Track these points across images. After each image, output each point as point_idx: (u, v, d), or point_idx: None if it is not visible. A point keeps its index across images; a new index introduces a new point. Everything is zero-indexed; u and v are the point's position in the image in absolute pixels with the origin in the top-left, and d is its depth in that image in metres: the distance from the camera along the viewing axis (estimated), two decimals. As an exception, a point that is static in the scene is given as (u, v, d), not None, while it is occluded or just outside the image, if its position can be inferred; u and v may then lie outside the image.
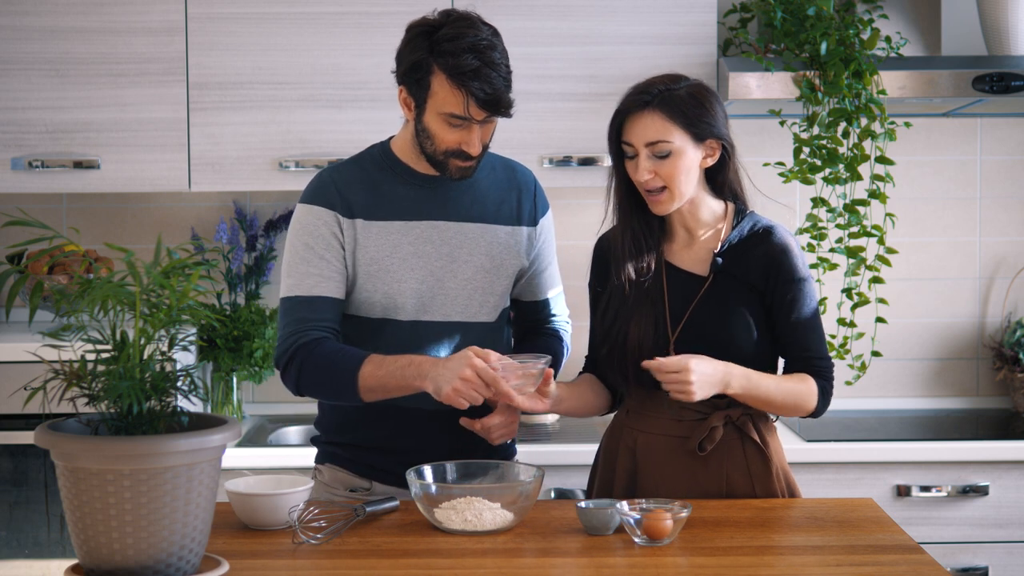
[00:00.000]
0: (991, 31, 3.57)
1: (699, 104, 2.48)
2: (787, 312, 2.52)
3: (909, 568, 2.11)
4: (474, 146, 2.49)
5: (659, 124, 2.46)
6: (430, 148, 2.52)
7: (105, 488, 1.89)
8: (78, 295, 1.96)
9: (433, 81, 2.45)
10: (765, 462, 2.54)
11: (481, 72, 2.42)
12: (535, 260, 2.68)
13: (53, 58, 3.46)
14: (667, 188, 2.49)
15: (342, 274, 2.55)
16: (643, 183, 2.49)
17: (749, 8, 3.70)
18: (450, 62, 2.42)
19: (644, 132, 2.47)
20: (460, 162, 2.52)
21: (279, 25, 3.47)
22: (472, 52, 2.42)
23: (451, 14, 2.49)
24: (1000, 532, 3.33)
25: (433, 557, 2.18)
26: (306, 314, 2.52)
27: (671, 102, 2.47)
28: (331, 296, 2.53)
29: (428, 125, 2.49)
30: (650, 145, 2.47)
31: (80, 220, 3.81)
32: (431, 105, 2.47)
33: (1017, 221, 3.89)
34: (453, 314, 2.58)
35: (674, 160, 2.47)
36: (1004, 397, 3.88)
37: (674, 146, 2.46)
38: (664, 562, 2.15)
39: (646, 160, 2.48)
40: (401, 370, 2.44)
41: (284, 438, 3.61)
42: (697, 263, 2.56)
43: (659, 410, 2.54)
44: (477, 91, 2.42)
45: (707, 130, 2.48)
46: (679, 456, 2.52)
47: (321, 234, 2.54)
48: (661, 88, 2.48)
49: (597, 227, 2.70)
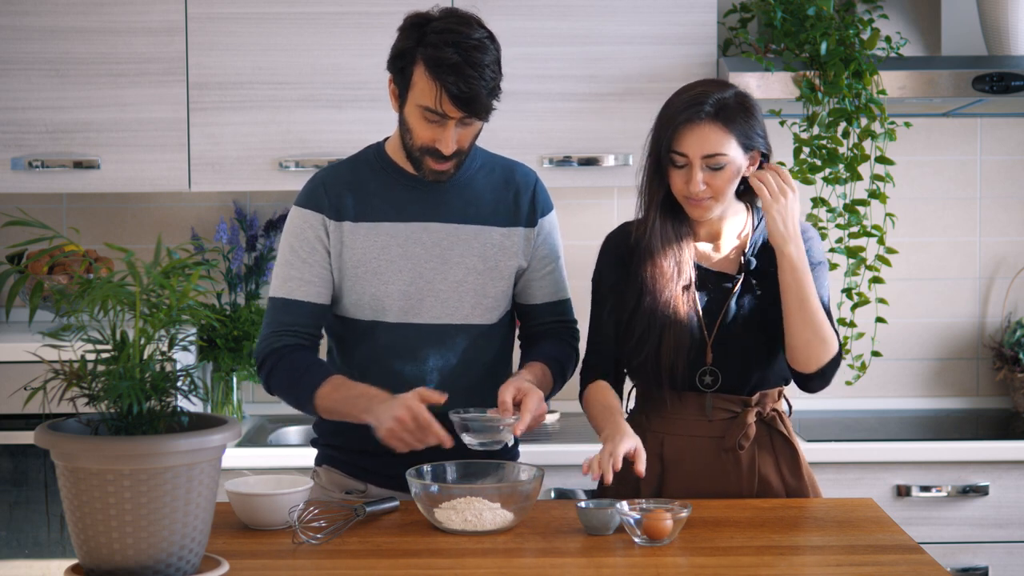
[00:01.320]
0: (991, 31, 3.57)
1: (749, 114, 2.46)
2: None
3: (909, 568, 2.11)
4: (447, 145, 2.46)
5: (718, 136, 2.43)
6: (408, 142, 2.51)
7: (105, 488, 1.89)
8: (78, 295, 1.96)
9: (415, 71, 2.44)
10: (795, 456, 2.56)
11: (460, 69, 2.39)
12: (534, 261, 2.64)
13: (53, 58, 3.46)
14: (713, 197, 2.47)
15: (324, 279, 2.56)
16: (695, 193, 2.46)
17: (749, 8, 3.70)
18: (430, 53, 2.40)
19: (702, 145, 2.43)
20: (433, 162, 2.50)
21: (279, 25, 3.47)
22: (455, 48, 2.40)
23: (451, 11, 2.48)
24: (1000, 532, 3.33)
25: (433, 557, 2.18)
26: (283, 317, 2.56)
27: (727, 114, 2.44)
28: (309, 301, 2.56)
29: (407, 117, 2.49)
30: (707, 157, 2.44)
31: (80, 220, 3.81)
32: (411, 96, 2.46)
33: (1017, 221, 3.89)
34: (443, 316, 2.57)
35: (727, 172, 2.45)
36: (1004, 397, 3.88)
37: (728, 159, 2.44)
38: (664, 562, 2.15)
39: (700, 172, 2.44)
40: (353, 400, 2.47)
41: (284, 438, 3.61)
42: (725, 262, 2.57)
43: (690, 411, 2.53)
44: (451, 86, 2.39)
45: (756, 140, 2.47)
46: (711, 456, 2.51)
47: (306, 238, 2.56)
48: (717, 97, 2.44)
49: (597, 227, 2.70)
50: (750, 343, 2.52)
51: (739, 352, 2.51)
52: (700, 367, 2.52)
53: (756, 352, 2.52)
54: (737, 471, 2.53)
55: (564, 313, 2.70)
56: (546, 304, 2.67)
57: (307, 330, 2.57)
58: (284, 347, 2.55)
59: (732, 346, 2.51)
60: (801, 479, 2.57)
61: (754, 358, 2.52)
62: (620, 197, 3.82)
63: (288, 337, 2.56)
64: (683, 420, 2.54)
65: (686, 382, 2.51)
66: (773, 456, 2.55)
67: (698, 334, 2.52)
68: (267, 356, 2.55)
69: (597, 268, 2.65)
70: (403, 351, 2.55)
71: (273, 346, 2.55)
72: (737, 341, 2.51)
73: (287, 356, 2.54)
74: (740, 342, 2.51)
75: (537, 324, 2.70)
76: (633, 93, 3.47)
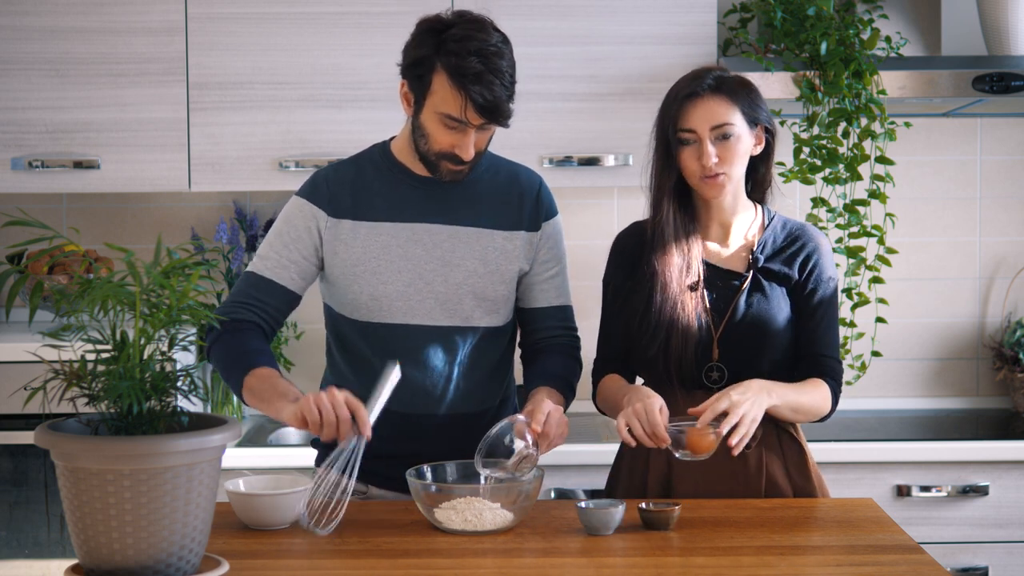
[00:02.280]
0: (991, 31, 3.57)
1: (750, 89, 2.54)
2: (812, 309, 2.55)
3: (909, 568, 2.11)
4: (467, 151, 2.47)
5: (724, 107, 2.50)
6: (424, 147, 2.51)
7: (105, 488, 1.89)
8: (78, 295, 1.96)
9: (434, 79, 2.43)
10: (802, 457, 2.57)
11: (484, 77, 2.40)
12: (537, 265, 2.64)
13: (53, 58, 3.46)
14: (724, 173, 2.50)
15: (301, 268, 2.56)
16: (708, 168, 2.49)
17: (749, 8, 3.70)
18: (453, 62, 2.40)
19: (709, 115, 2.49)
20: (452, 165, 2.50)
21: (279, 25, 3.47)
22: (478, 56, 2.40)
23: (464, 15, 2.47)
24: (1000, 532, 3.33)
25: (433, 557, 2.18)
26: (251, 290, 2.56)
27: (728, 85, 2.51)
28: (280, 284, 2.56)
29: (424, 123, 2.48)
30: (716, 128, 2.49)
31: (80, 220, 3.81)
32: (430, 103, 2.46)
33: (1017, 221, 3.89)
34: (443, 318, 2.57)
35: (735, 143, 2.50)
36: (1004, 397, 3.88)
37: (736, 129, 2.50)
38: (664, 562, 2.15)
39: (711, 144, 2.49)
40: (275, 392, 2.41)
41: (284, 438, 3.61)
42: (734, 260, 2.58)
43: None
44: (476, 96, 2.40)
45: (760, 114, 2.53)
46: (719, 456, 2.52)
47: (296, 224, 2.56)
48: (716, 74, 2.52)
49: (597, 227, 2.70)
50: (757, 340, 2.53)
51: (746, 349, 2.53)
52: (707, 363, 2.53)
53: (763, 350, 2.53)
54: (745, 471, 2.53)
55: (566, 319, 2.69)
56: (549, 308, 2.66)
57: (270, 311, 2.56)
58: (238, 321, 2.53)
59: (739, 343, 2.53)
60: (809, 479, 2.57)
61: (761, 356, 2.53)
62: (620, 197, 3.82)
63: (249, 311, 2.54)
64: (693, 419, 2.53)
65: (694, 379, 2.53)
66: (781, 456, 2.56)
67: (705, 330, 2.53)
68: (219, 324, 2.51)
69: (608, 267, 2.67)
70: (402, 352, 2.55)
71: (232, 315, 2.53)
72: (744, 338, 2.52)
73: (236, 332, 2.52)
74: (747, 339, 2.52)
75: (539, 331, 2.68)
76: (633, 93, 3.48)
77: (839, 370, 2.57)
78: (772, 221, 2.61)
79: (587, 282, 2.67)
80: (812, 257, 2.57)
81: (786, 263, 2.56)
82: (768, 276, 2.56)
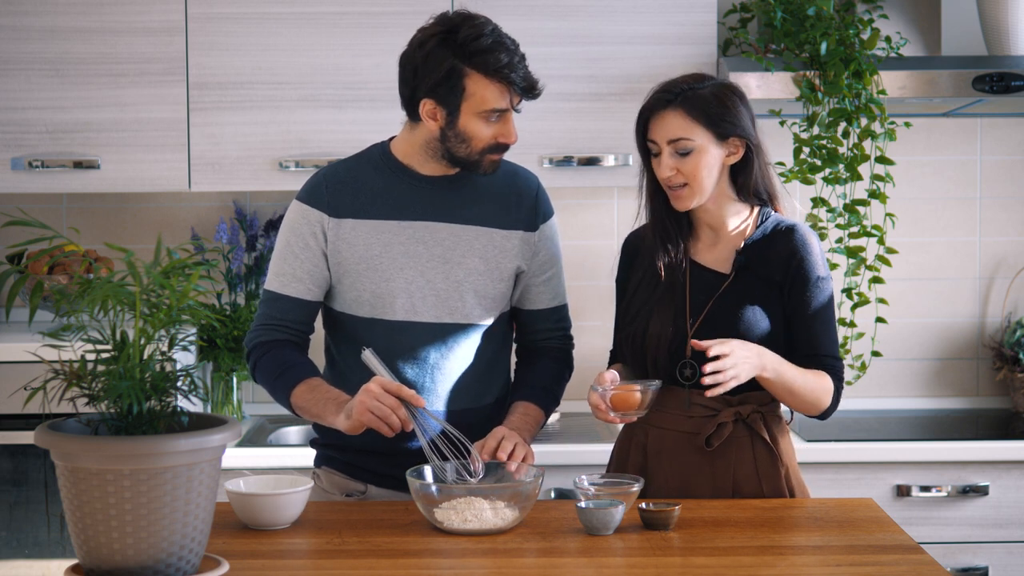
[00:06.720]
0: (991, 31, 3.57)
1: (721, 103, 2.52)
2: (804, 310, 2.55)
3: (909, 568, 2.11)
4: (512, 134, 2.54)
5: (680, 122, 2.50)
6: (464, 151, 2.53)
7: (105, 488, 1.89)
8: (78, 295, 1.96)
9: (468, 83, 2.47)
10: (774, 461, 2.55)
11: (514, 63, 2.48)
12: (534, 266, 2.66)
13: (53, 58, 3.46)
14: (688, 185, 2.52)
15: (314, 276, 2.59)
16: (665, 180, 2.53)
17: (749, 8, 3.70)
18: (485, 60, 2.46)
19: (666, 130, 2.51)
20: (496, 155, 2.56)
21: (279, 25, 3.47)
22: (499, 46, 2.47)
23: (455, 16, 2.50)
24: (1000, 532, 3.33)
25: (433, 557, 2.18)
26: (272, 311, 2.61)
27: (693, 101, 2.51)
28: (298, 297, 2.59)
29: (464, 128, 2.51)
30: (672, 142, 2.51)
31: (80, 220, 3.81)
32: (467, 107, 2.49)
33: (1017, 221, 3.89)
34: (444, 315, 2.58)
35: (696, 157, 2.50)
36: (1004, 397, 3.88)
37: (695, 144, 2.50)
38: (664, 562, 2.15)
39: (668, 157, 2.52)
40: (324, 402, 2.50)
41: (284, 438, 3.61)
42: (721, 261, 2.59)
43: (673, 405, 2.55)
44: (518, 80, 2.48)
45: (729, 128, 2.52)
46: (689, 452, 2.53)
47: (301, 233, 2.58)
48: (684, 87, 2.52)
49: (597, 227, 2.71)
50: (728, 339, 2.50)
51: None
52: (680, 359, 2.53)
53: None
54: (712, 469, 2.53)
55: (562, 320, 2.73)
56: (545, 310, 2.71)
57: (295, 325, 2.61)
58: (269, 342, 2.59)
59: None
60: (779, 483, 2.55)
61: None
62: (620, 197, 3.82)
63: (276, 331, 2.61)
64: (666, 413, 2.56)
65: (669, 375, 2.54)
66: (752, 459, 2.55)
67: (681, 327, 2.53)
68: (253, 348, 2.61)
69: (618, 266, 2.72)
70: (402, 349, 2.57)
71: (260, 339, 2.61)
72: (716, 337, 2.49)
73: (272, 351, 2.58)
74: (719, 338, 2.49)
75: (534, 332, 2.73)
76: (633, 93, 3.47)
77: (839, 368, 2.57)
78: (765, 223, 2.60)
79: (586, 282, 2.67)
80: (796, 257, 2.55)
81: (769, 264, 2.55)
82: (751, 277, 2.56)
